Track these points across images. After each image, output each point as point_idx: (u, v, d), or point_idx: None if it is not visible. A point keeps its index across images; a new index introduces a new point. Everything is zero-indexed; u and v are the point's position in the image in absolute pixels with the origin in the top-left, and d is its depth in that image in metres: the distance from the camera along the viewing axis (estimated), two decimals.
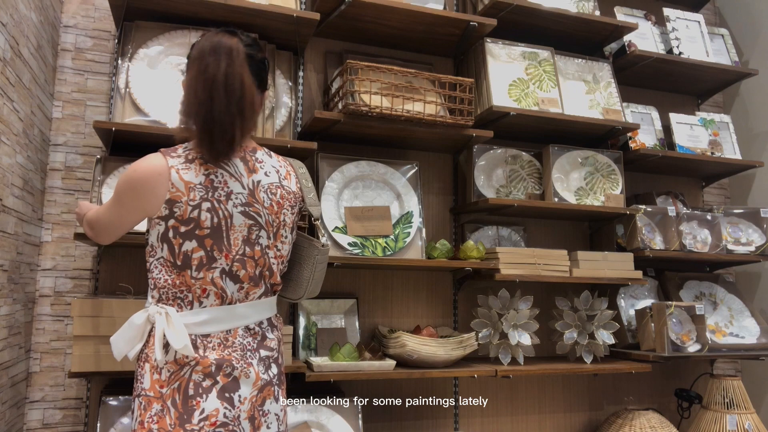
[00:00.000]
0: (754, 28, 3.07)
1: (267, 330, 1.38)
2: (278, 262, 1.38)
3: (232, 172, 1.31)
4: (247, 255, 1.31)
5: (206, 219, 1.27)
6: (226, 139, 1.25)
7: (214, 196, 1.28)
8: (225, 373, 1.27)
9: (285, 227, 1.38)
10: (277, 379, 1.37)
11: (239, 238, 1.30)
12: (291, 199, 1.40)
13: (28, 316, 1.97)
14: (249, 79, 1.28)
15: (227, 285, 1.30)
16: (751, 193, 3.02)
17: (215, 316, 1.29)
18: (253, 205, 1.32)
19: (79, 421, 2.03)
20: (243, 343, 1.31)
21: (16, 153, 1.73)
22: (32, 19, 1.83)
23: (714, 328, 2.60)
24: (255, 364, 1.31)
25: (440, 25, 2.31)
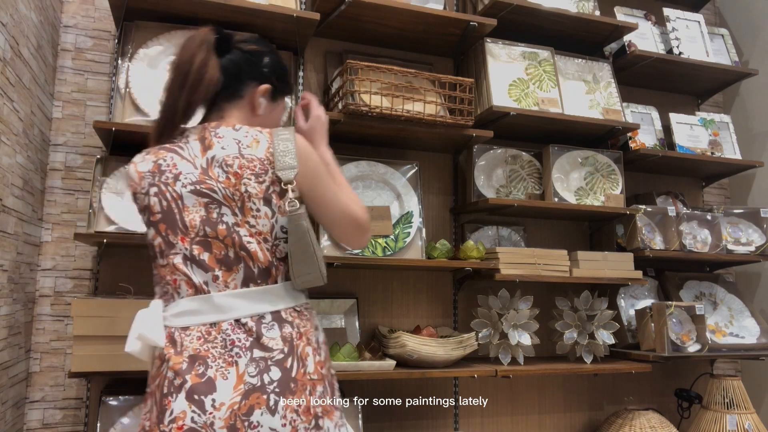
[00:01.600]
0: (754, 28, 3.07)
1: (268, 326, 1.21)
2: (257, 240, 1.22)
3: (185, 155, 1.26)
4: (210, 236, 1.21)
5: (155, 203, 1.24)
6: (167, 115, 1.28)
7: (161, 180, 1.24)
8: (197, 372, 1.14)
9: (252, 199, 1.22)
10: (277, 386, 1.16)
11: (196, 219, 1.21)
12: (254, 166, 1.23)
13: (28, 316, 1.97)
14: (209, 64, 1.27)
15: (193, 272, 1.21)
16: (751, 193, 3.02)
17: (190, 308, 1.20)
18: (206, 182, 1.22)
19: (79, 421, 2.03)
20: (229, 339, 1.18)
21: (16, 153, 1.73)
22: (32, 19, 1.83)
23: (714, 328, 2.60)
24: (242, 365, 1.16)
25: (440, 25, 2.31)
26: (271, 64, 1.41)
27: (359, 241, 1.33)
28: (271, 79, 1.40)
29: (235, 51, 1.36)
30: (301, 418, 1.16)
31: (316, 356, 1.24)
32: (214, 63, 1.29)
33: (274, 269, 1.25)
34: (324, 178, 1.29)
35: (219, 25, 1.87)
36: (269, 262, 1.24)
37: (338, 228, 1.31)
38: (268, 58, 1.41)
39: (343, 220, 1.30)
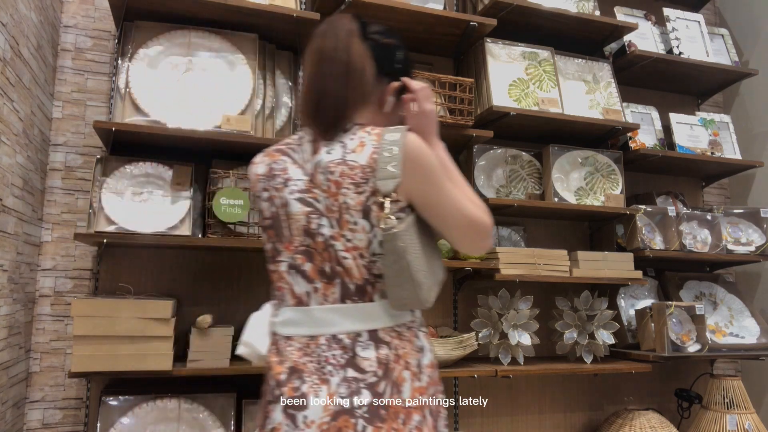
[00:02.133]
0: (754, 28, 3.07)
1: (363, 345, 1.11)
2: (353, 256, 1.12)
3: (296, 158, 1.19)
4: (311, 246, 1.14)
5: (266, 208, 1.20)
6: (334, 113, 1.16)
7: (272, 184, 1.19)
8: (293, 386, 1.10)
9: (349, 211, 1.11)
10: (367, 411, 1.07)
11: (300, 228, 1.15)
12: (355, 174, 1.11)
13: (28, 316, 1.97)
14: (359, 52, 1.18)
15: (296, 281, 1.16)
16: (751, 193, 3.02)
17: (291, 318, 1.16)
18: (311, 190, 1.15)
19: (79, 421, 2.03)
20: (325, 355, 1.11)
21: (16, 153, 1.73)
22: (32, 19, 1.83)
23: (714, 328, 2.60)
24: (333, 384, 1.09)
25: (440, 25, 2.31)
26: (403, 60, 1.29)
27: (479, 246, 1.17)
28: (401, 73, 1.28)
29: (370, 42, 1.22)
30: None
31: (415, 382, 1.13)
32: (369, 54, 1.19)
33: (369, 287, 1.14)
34: (438, 182, 1.14)
35: (219, 25, 1.85)
36: (364, 279, 1.14)
37: (456, 233, 1.16)
38: (401, 52, 1.28)
39: (461, 225, 1.14)
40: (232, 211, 1.92)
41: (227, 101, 2.03)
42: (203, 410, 1.89)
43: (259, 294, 2.22)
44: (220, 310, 2.17)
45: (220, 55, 2.08)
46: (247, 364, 1.93)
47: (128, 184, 1.96)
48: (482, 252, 1.21)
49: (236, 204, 1.93)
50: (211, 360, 1.86)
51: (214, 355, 1.87)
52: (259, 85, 2.11)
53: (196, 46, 2.07)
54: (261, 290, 2.23)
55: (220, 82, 2.05)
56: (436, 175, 1.14)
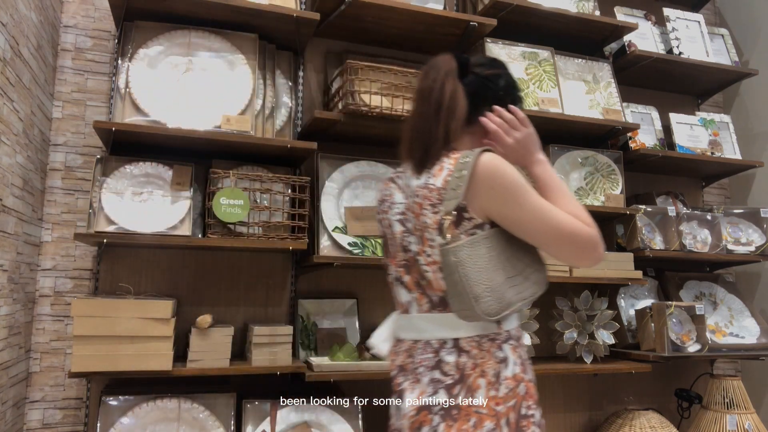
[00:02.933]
0: (754, 28, 3.07)
1: (447, 351, 1.22)
2: (433, 269, 1.23)
3: (400, 184, 1.34)
4: (407, 262, 1.29)
5: (380, 230, 1.39)
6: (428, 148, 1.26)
7: (383, 208, 1.37)
8: (398, 382, 1.28)
9: (428, 229, 1.22)
10: (442, 410, 1.17)
11: (399, 245, 1.31)
12: (432, 196, 1.21)
13: (28, 316, 1.97)
14: (453, 90, 1.27)
15: (399, 292, 1.33)
16: (751, 193, 3.02)
17: (401, 323, 1.33)
18: (405, 212, 1.29)
19: (79, 421, 2.03)
20: (420, 357, 1.24)
21: (16, 153, 1.73)
22: (32, 19, 1.83)
23: (714, 328, 2.60)
24: (424, 383, 1.21)
25: (440, 25, 2.31)
26: (506, 86, 1.37)
27: (582, 258, 1.22)
28: (505, 100, 1.36)
29: (472, 76, 1.33)
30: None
31: (491, 391, 1.19)
32: (461, 92, 1.29)
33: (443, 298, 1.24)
34: (517, 198, 1.18)
35: (219, 25, 1.88)
36: (443, 291, 1.22)
37: (550, 247, 1.21)
38: (504, 80, 1.37)
39: (553, 238, 1.19)
40: (232, 211, 1.92)
41: (227, 101, 2.03)
42: (203, 410, 1.89)
43: (259, 294, 2.23)
44: (220, 310, 2.17)
45: (220, 55, 2.08)
46: (247, 364, 1.93)
47: (128, 184, 1.96)
48: (592, 265, 1.26)
49: (236, 204, 1.93)
50: (211, 360, 1.86)
51: (214, 355, 1.87)
52: (259, 85, 2.11)
53: (196, 46, 2.07)
54: (261, 290, 2.23)
55: (220, 82, 2.05)
56: (513, 192, 1.18)
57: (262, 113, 2.11)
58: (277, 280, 2.25)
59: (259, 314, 2.22)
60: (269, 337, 1.92)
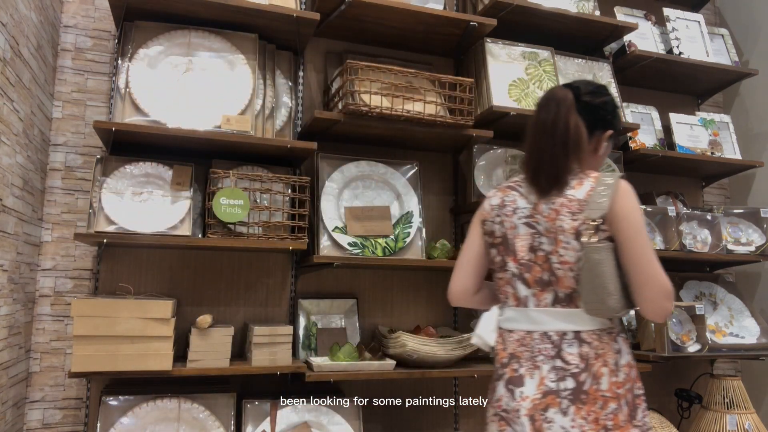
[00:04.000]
0: (754, 28, 3.07)
1: (568, 343, 1.39)
2: (564, 268, 1.40)
3: (523, 192, 1.49)
4: (532, 260, 1.44)
5: (497, 230, 1.50)
6: (553, 176, 1.43)
7: (503, 212, 1.50)
8: (512, 368, 1.42)
9: (564, 233, 1.39)
10: (570, 394, 1.35)
11: (525, 246, 1.45)
12: (572, 206, 1.40)
13: (28, 316, 1.97)
14: (575, 122, 1.45)
15: (518, 287, 1.46)
16: (751, 193, 3.02)
17: (512, 316, 1.47)
18: (534, 216, 1.44)
19: (79, 421, 2.03)
20: (538, 347, 1.40)
21: (16, 153, 1.73)
22: (32, 19, 1.83)
23: (714, 328, 2.60)
24: (544, 370, 1.38)
25: (440, 25, 2.31)
26: (613, 111, 1.54)
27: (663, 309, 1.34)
28: (613, 123, 1.54)
29: (583, 104, 1.48)
30: (590, 426, 1.33)
31: (612, 377, 1.38)
32: (582, 124, 1.46)
33: (576, 295, 1.40)
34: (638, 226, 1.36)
35: (219, 25, 1.89)
36: (572, 288, 1.40)
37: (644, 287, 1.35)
38: (611, 105, 1.54)
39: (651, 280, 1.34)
40: (232, 211, 1.92)
41: (227, 101, 2.03)
42: (203, 410, 1.89)
43: (259, 294, 2.23)
44: (220, 310, 2.17)
45: (220, 55, 2.08)
46: (247, 364, 1.93)
47: (128, 184, 1.96)
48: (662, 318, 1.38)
49: (236, 204, 1.93)
50: (211, 360, 1.86)
51: (214, 355, 1.87)
52: (259, 85, 2.11)
53: (196, 46, 2.07)
54: (261, 290, 2.23)
55: (220, 82, 2.05)
56: (638, 219, 1.38)
57: (262, 113, 2.11)
58: (277, 280, 2.25)
59: (259, 314, 2.22)
60: (269, 337, 1.92)
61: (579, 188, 1.41)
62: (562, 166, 1.43)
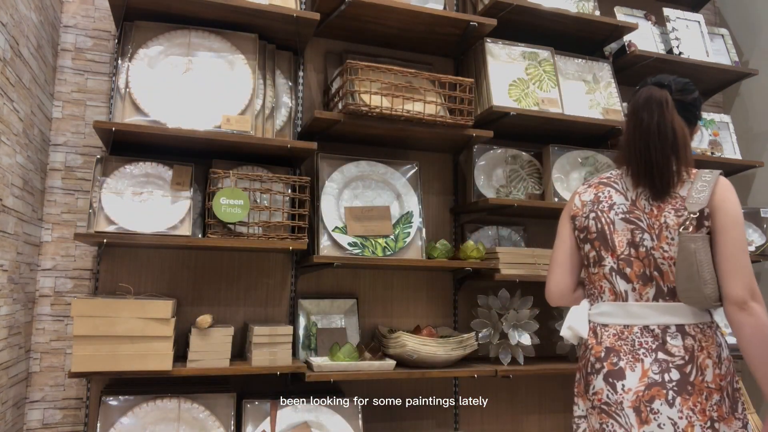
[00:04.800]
0: (754, 28, 3.07)
1: (672, 335, 1.41)
2: (668, 263, 1.43)
3: (619, 189, 1.52)
4: (632, 255, 1.46)
5: (592, 225, 1.52)
6: (666, 180, 1.46)
7: (599, 208, 1.52)
8: (611, 362, 1.43)
9: (668, 229, 1.43)
10: (675, 386, 1.37)
11: (623, 241, 1.47)
12: (675, 203, 1.45)
13: (28, 316, 1.97)
14: (679, 123, 1.47)
15: (617, 282, 1.47)
16: (751, 193, 3.02)
17: (609, 310, 1.48)
18: (634, 212, 1.48)
19: (79, 421, 2.03)
20: (639, 341, 1.43)
21: (16, 153, 1.73)
22: (32, 19, 1.83)
23: None
24: (647, 363, 1.40)
25: (440, 25, 2.31)
26: (699, 106, 1.58)
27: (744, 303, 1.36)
28: (699, 116, 1.60)
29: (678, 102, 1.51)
30: (697, 417, 1.36)
31: (716, 369, 1.41)
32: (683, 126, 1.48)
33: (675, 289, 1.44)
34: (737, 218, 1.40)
35: (219, 25, 1.89)
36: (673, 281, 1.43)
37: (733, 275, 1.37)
38: (699, 101, 1.58)
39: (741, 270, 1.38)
40: (232, 211, 1.92)
41: (227, 101, 2.03)
42: (203, 410, 1.89)
43: (259, 294, 2.23)
44: (220, 310, 2.17)
45: (220, 55, 2.08)
46: (247, 364, 1.93)
47: (128, 184, 1.96)
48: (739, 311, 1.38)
49: (236, 204, 1.93)
50: (211, 360, 1.86)
51: (214, 355, 1.87)
52: (259, 85, 2.11)
53: (196, 46, 2.07)
54: (261, 290, 2.23)
55: (220, 82, 2.05)
56: (736, 211, 1.41)
57: (262, 113, 2.11)
58: (277, 280, 2.25)
59: (259, 314, 2.22)
60: (269, 337, 1.92)
61: (681, 186, 1.46)
62: (675, 170, 1.45)
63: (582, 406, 1.51)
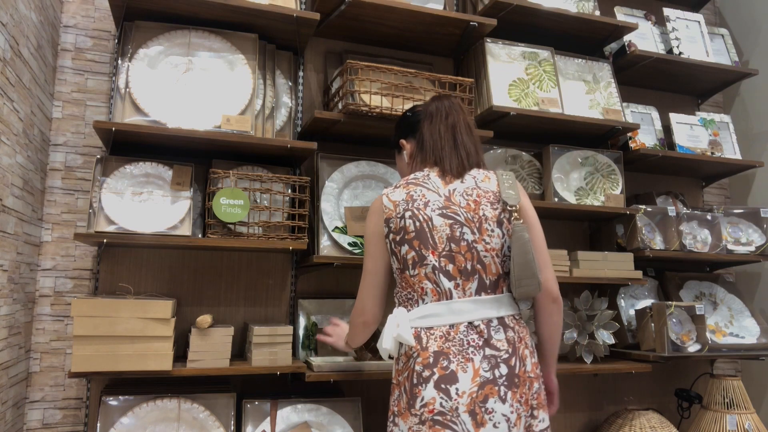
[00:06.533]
0: (754, 28, 3.07)
1: (495, 329, 1.43)
2: (491, 255, 1.46)
3: (430, 187, 1.51)
4: (454, 251, 1.44)
5: (410, 225, 1.47)
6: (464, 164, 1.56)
7: (414, 206, 1.48)
8: (441, 366, 1.37)
9: (488, 221, 1.47)
10: (505, 380, 1.38)
11: (443, 237, 1.45)
12: (489, 196, 1.50)
13: (28, 316, 1.97)
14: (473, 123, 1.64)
15: (441, 280, 1.44)
16: (751, 193, 3.02)
17: (433, 311, 1.43)
18: (450, 207, 1.47)
19: (79, 421, 2.03)
20: (466, 339, 1.40)
21: (16, 153, 1.73)
22: (32, 19, 1.83)
23: (714, 328, 2.60)
24: (477, 361, 1.38)
25: (440, 25, 2.31)
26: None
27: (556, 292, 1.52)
28: None
29: None
30: (523, 408, 1.39)
31: (533, 358, 1.47)
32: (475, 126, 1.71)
33: (501, 280, 1.48)
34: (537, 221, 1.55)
35: (219, 25, 1.90)
36: (498, 274, 1.47)
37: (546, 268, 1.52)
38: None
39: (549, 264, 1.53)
40: (232, 211, 1.92)
41: (227, 101, 2.03)
42: (203, 410, 1.89)
43: (259, 294, 2.23)
44: (220, 310, 2.17)
45: (220, 55, 2.08)
46: (247, 364, 1.93)
47: (128, 184, 1.96)
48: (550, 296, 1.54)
49: (236, 204, 1.93)
50: (211, 360, 1.86)
51: (214, 355, 1.87)
52: (259, 85, 2.11)
53: (196, 46, 2.07)
54: (261, 290, 2.23)
55: (220, 82, 2.05)
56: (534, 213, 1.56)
57: (262, 113, 2.11)
58: (277, 280, 2.25)
59: (259, 314, 2.22)
60: (269, 337, 1.92)
61: (488, 182, 1.53)
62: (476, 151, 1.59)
63: (403, 426, 1.39)
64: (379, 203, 1.54)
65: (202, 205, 2.06)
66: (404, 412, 1.39)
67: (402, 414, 1.40)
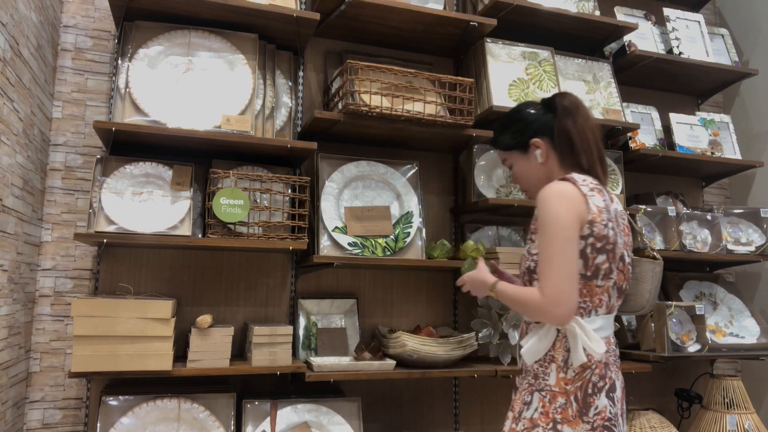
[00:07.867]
0: (754, 28, 3.07)
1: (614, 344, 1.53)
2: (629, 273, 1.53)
3: (609, 199, 1.51)
4: (620, 268, 1.49)
5: (612, 236, 1.45)
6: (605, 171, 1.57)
7: (610, 217, 1.46)
8: (609, 376, 1.44)
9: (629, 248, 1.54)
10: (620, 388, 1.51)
11: (620, 254, 1.48)
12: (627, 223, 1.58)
13: (28, 316, 1.97)
14: None
15: (613, 294, 1.48)
16: (751, 193, 3.02)
17: (604, 324, 1.47)
18: (619, 225, 1.51)
19: (79, 421, 2.03)
20: (615, 351, 1.50)
21: (16, 153, 1.73)
22: (32, 19, 1.83)
23: (714, 328, 2.60)
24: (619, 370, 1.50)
25: (440, 25, 2.31)
26: None
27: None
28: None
29: None
30: None
31: None
32: None
33: None
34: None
35: (219, 25, 1.90)
36: None
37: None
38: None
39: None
40: (232, 211, 1.92)
41: (227, 101, 2.03)
42: (203, 410, 1.89)
43: (259, 294, 2.23)
44: (220, 310, 2.17)
45: (220, 55, 2.08)
46: (247, 364, 1.93)
47: (128, 184, 1.96)
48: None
49: (236, 204, 1.93)
50: (211, 360, 1.86)
51: (214, 355, 1.87)
52: (259, 85, 2.11)
53: (196, 46, 2.07)
54: (261, 290, 2.23)
55: (220, 82, 2.05)
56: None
57: (262, 113, 2.11)
58: (277, 280, 2.25)
59: (259, 314, 2.22)
60: (269, 337, 1.92)
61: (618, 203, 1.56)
62: None
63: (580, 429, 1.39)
64: (582, 201, 1.42)
65: (202, 205, 2.06)
66: (573, 420, 1.40)
67: (570, 422, 1.40)
